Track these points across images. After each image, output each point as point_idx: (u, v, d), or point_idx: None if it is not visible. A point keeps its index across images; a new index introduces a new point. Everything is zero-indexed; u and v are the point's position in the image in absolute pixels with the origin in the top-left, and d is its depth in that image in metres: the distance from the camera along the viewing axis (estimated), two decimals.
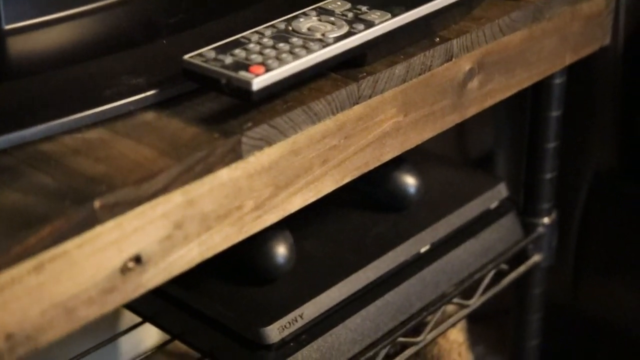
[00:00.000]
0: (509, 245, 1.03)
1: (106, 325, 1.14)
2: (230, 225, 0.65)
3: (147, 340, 1.59)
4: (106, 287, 0.58)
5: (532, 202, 1.06)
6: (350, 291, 0.88)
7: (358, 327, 0.88)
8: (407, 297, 0.92)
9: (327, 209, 0.98)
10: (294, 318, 0.83)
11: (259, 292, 0.86)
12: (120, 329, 1.44)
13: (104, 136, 0.64)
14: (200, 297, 0.87)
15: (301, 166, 0.68)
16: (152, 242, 0.60)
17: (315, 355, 0.84)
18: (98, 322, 0.95)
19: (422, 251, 0.95)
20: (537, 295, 1.10)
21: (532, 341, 1.13)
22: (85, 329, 0.93)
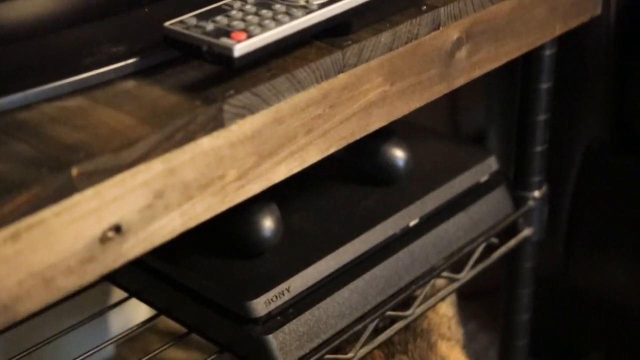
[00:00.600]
0: (499, 219, 1.02)
1: (94, 304, 1.12)
2: (212, 195, 0.64)
3: (136, 320, 1.58)
4: (85, 257, 0.57)
5: (523, 175, 1.05)
6: (338, 264, 0.87)
7: (346, 300, 0.87)
8: (395, 271, 0.91)
9: (315, 182, 0.97)
10: (281, 291, 0.82)
11: (246, 265, 0.85)
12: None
13: (83, 104, 0.63)
14: (186, 272, 0.86)
15: (285, 135, 0.67)
16: (132, 211, 0.59)
17: (303, 329, 0.83)
18: (86, 300, 0.95)
19: (411, 225, 0.94)
20: (527, 269, 1.09)
21: (523, 315, 1.12)
22: (74, 307, 0.94)
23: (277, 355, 0.80)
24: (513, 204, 1.04)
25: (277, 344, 0.81)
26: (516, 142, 1.04)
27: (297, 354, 0.82)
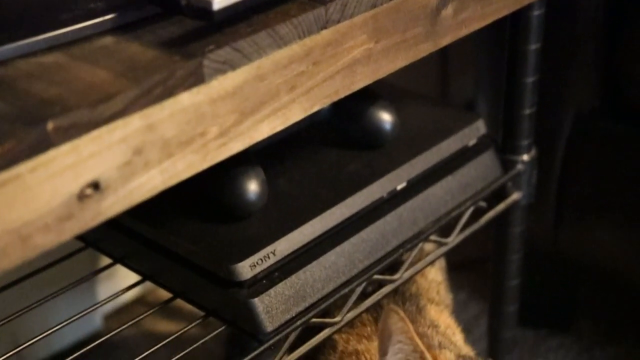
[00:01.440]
0: (487, 183, 1.01)
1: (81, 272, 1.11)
2: (193, 152, 0.63)
3: (125, 295, 1.57)
4: (63, 214, 0.56)
5: (511, 138, 1.04)
6: (324, 228, 0.86)
7: (332, 264, 0.86)
8: (383, 235, 0.91)
9: (301, 146, 0.96)
10: (266, 255, 0.82)
11: (231, 229, 0.84)
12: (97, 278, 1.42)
13: (60, 60, 0.61)
14: (171, 236, 0.85)
15: (267, 92, 0.66)
16: (110, 168, 0.58)
17: (289, 292, 0.82)
18: (72, 269, 0.94)
19: (398, 188, 0.93)
20: (517, 234, 1.08)
21: (512, 281, 1.11)
22: (60, 276, 0.93)
23: (262, 319, 0.80)
24: (502, 168, 1.03)
25: (262, 307, 0.80)
26: (504, 105, 1.03)
27: (283, 318, 0.81)
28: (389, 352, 0.70)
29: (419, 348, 0.69)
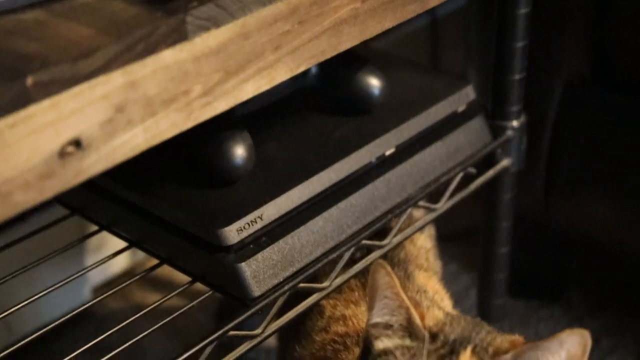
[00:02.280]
0: (476, 149, 1.00)
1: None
2: (177, 111, 0.62)
3: (114, 270, 1.57)
4: (44, 172, 0.55)
5: (501, 104, 1.03)
6: (312, 193, 0.86)
7: (320, 229, 0.85)
8: (371, 200, 0.90)
9: (288, 112, 0.95)
10: (253, 219, 0.81)
11: (217, 194, 0.84)
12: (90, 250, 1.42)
13: (40, 17, 0.60)
14: (157, 201, 0.84)
15: (252, 51, 0.65)
16: (92, 126, 0.57)
17: (276, 257, 0.81)
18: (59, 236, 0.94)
19: (386, 154, 0.93)
20: (506, 201, 1.08)
21: (502, 249, 1.11)
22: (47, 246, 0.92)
23: (249, 283, 0.79)
24: (491, 134, 1.03)
25: (250, 272, 0.79)
26: (494, 71, 1.02)
27: (271, 283, 0.81)
28: (375, 307, 0.69)
29: (404, 304, 0.68)
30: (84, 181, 0.58)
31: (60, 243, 0.92)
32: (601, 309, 1.44)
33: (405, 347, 0.67)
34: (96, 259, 1.43)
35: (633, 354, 1.38)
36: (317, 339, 0.87)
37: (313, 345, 0.87)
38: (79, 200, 0.92)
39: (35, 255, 0.89)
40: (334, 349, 0.83)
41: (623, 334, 1.42)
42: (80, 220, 1.00)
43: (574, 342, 0.66)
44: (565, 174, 1.28)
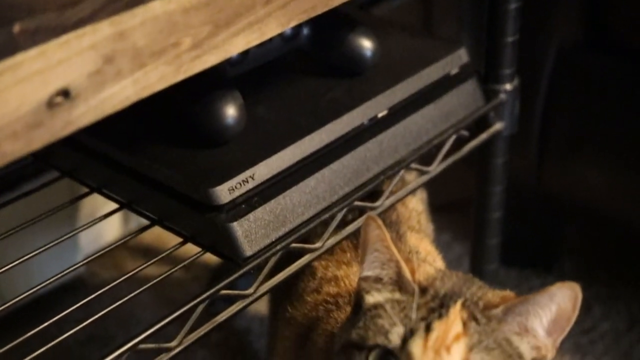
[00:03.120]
0: (469, 112, 1.00)
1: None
2: (166, 63, 0.61)
3: (106, 238, 1.56)
4: (32, 122, 0.55)
5: (494, 67, 1.03)
6: (304, 153, 0.85)
7: (312, 190, 0.85)
8: (363, 161, 0.90)
9: (280, 74, 0.95)
10: (245, 179, 0.80)
11: (209, 154, 0.83)
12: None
13: None
14: (148, 162, 0.84)
15: (242, 4, 0.65)
16: (80, 76, 0.56)
17: (268, 217, 0.81)
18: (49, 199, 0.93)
19: (379, 116, 0.92)
20: (499, 165, 1.07)
21: (494, 213, 1.11)
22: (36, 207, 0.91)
23: (241, 243, 0.79)
24: (484, 97, 1.02)
25: (241, 231, 0.79)
26: (487, 33, 1.01)
27: (263, 243, 0.80)
28: (366, 261, 0.69)
29: (394, 257, 0.68)
30: (73, 132, 0.58)
31: (51, 207, 0.91)
32: (593, 276, 1.44)
33: (395, 301, 0.67)
34: (88, 232, 1.43)
35: (625, 321, 1.39)
36: (309, 299, 0.87)
37: (305, 305, 0.87)
38: (69, 163, 0.92)
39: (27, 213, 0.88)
40: (326, 309, 0.83)
41: (615, 301, 1.43)
42: (71, 185, 0.99)
43: (564, 295, 0.66)
44: (558, 139, 1.27)
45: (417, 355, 0.63)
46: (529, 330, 0.67)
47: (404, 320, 0.65)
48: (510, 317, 0.66)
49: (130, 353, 0.72)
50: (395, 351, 0.64)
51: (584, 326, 1.39)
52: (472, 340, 0.64)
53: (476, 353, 0.63)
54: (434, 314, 0.65)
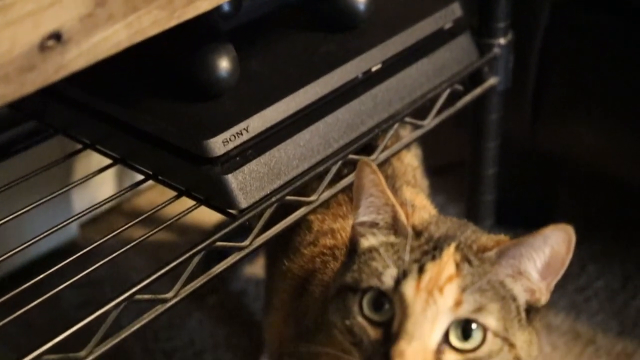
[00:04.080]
0: (463, 66, 1.00)
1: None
2: (159, 8, 0.61)
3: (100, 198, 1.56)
4: (24, 65, 0.54)
5: (488, 21, 1.02)
6: (298, 106, 0.85)
7: (307, 143, 0.85)
8: (358, 115, 0.89)
9: (273, 28, 0.94)
10: (239, 131, 0.80)
11: (203, 107, 0.83)
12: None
13: None
14: (142, 116, 0.83)
15: None
16: (72, 19, 0.56)
17: (263, 170, 0.81)
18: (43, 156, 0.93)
19: (373, 69, 0.92)
20: (493, 121, 1.07)
21: (489, 170, 1.11)
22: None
23: (236, 195, 0.79)
24: (478, 52, 1.02)
25: (236, 184, 0.79)
26: None
27: (258, 195, 0.80)
28: (361, 206, 0.69)
29: (390, 201, 0.68)
30: (66, 77, 0.58)
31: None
32: (587, 236, 1.44)
33: (390, 244, 0.67)
34: (82, 195, 1.43)
35: (619, 279, 1.40)
36: (306, 252, 0.87)
37: (302, 258, 0.87)
38: (63, 120, 0.91)
39: (21, 186, 0.87)
40: (323, 261, 0.83)
41: (609, 259, 1.43)
42: (64, 145, 0.99)
43: (557, 237, 0.66)
44: (552, 97, 1.27)
45: (410, 296, 0.63)
46: (522, 273, 0.67)
47: (397, 262, 0.65)
48: (504, 260, 0.66)
49: (126, 304, 0.71)
50: (388, 293, 0.65)
51: (579, 284, 1.39)
52: (465, 282, 0.64)
53: (469, 294, 0.63)
54: (427, 256, 0.65)
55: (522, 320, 0.66)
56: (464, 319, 0.64)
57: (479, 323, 0.64)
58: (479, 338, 0.64)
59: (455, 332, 0.64)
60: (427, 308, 0.63)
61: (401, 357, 0.62)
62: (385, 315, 0.65)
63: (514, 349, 0.65)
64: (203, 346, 1.30)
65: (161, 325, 1.34)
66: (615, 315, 1.34)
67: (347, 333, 0.66)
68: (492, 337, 0.64)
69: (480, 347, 0.64)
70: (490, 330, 0.64)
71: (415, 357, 0.62)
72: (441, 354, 0.63)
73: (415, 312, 0.63)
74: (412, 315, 0.63)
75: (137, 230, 1.55)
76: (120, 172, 1.48)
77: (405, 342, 0.62)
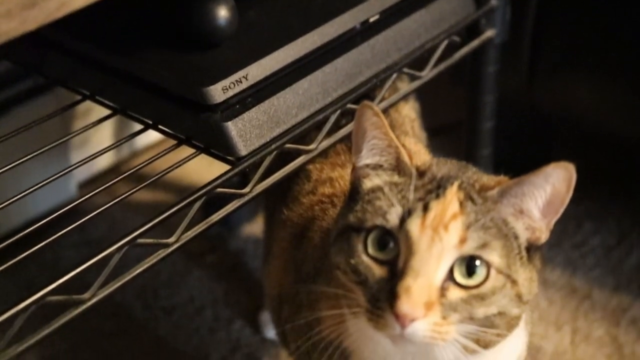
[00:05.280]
0: (461, 18, 1.00)
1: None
2: None
3: (99, 163, 1.56)
4: (26, 1, 0.54)
5: None
6: (297, 55, 0.85)
7: (306, 91, 0.85)
8: (356, 65, 0.90)
9: None
10: (238, 79, 0.80)
11: (202, 56, 0.83)
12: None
13: None
14: (142, 65, 0.83)
15: None
16: None
17: (262, 118, 0.81)
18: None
19: (371, 20, 0.92)
20: (490, 74, 1.07)
21: (486, 124, 1.11)
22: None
23: (236, 142, 0.79)
24: (475, 4, 1.02)
25: (236, 131, 0.79)
26: None
27: (258, 142, 0.81)
28: (364, 149, 0.69)
29: (393, 143, 0.68)
30: (67, 14, 0.58)
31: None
32: (584, 193, 1.44)
33: (394, 184, 0.68)
34: (81, 154, 1.43)
35: (615, 236, 1.41)
36: (305, 201, 0.87)
37: (300, 207, 0.87)
38: (62, 71, 0.92)
39: (20, 143, 0.87)
40: (322, 208, 0.84)
41: (605, 217, 1.44)
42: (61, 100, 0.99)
43: (558, 175, 0.67)
44: (549, 52, 1.27)
45: (415, 233, 0.64)
46: (524, 211, 0.67)
47: (401, 201, 0.66)
48: (506, 198, 0.67)
49: (129, 247, 0.72)
50: (393, 231, 0.65)
51: (575, 241, 1.40)
52: (469, 219, 0.64)
53: (473, 231, 0.64)
54: (431, 195, 0.66)
55: (524, 258, 0.67)
56: (468, 256, 0.64)
57: (483, 259, 0.64)
58: (483, 274, 0.64)
59: (459, 269, 0.64)
60: (433, 245, 0.64)
61: (407, 293, 0.62)
62: (390, 254, 0.66)
63: (516, 286, 0.66)
64: (202, 303, 1.31)
65: (161, 283, 1.35)
66: (611, 271, 1.35)
67: (352, 272, 0.67)
68: (495, 273, 0.65)
69: (483, 283, 0.64)
70: (494, 267, 0.65)
71: (421, 292, 0.63)
72: (446, 290, 0.64)
73: (421, 249, 0.64)
74: (418, 252, 0.64)
75: (137, 193, 1.56)
76: (119, 132, 1.49)
77: (411, 279, 0.63)
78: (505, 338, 0.69)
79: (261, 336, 1.26)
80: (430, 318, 0.63)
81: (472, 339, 0.66)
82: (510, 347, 0.74)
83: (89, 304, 0.70)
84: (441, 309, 0.64)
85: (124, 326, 1.29)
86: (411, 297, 0.62)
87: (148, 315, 1.30)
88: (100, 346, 1.26)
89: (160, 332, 1.27)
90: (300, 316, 0.78)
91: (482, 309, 0.65)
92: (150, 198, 1.47)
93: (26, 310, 0.65)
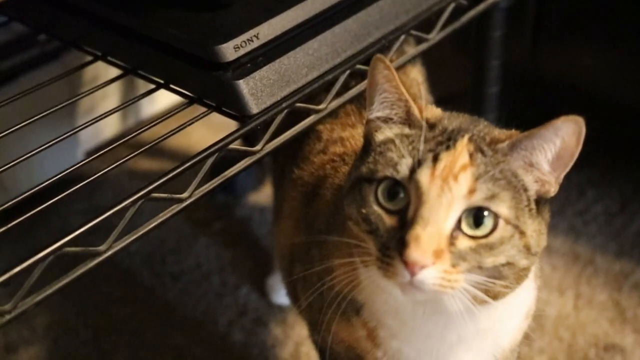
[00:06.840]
0: None
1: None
2: None
3: (105, 133, 1.57)
4: None
5: None
6: (307, 15, 0.86)
7: (316, 51, 0.86)
8: (365, 26, 0.90)
9: None
10: (249, 38, 0.81)
11: (213, 16, 0.84)
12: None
13: None
14: (154, 24, 0.84)
15: None
16: None
17: (273, 77, 0.82)
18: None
19: None
20: (496, 39, 1.08)
21: (491, 89, 1.12)
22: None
23: (248, 100, 0.80)
24: None
25: (247, 89, 0.80)
26: None
27: (269, 101, 0.82)
28: (375, 102, 0.70)
29: (403, 96, 0.69)
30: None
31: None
32: (587, 160, 1.45)
33: (405, 135, 0.69)
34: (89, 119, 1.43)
35: (617, 203, 1.42)
36: (316, 160, 0.88)
37: (311, 166, 0.88)
38: (73, 32, 0.92)
39: (29, 106, 0.87)
40: (333, 167, 0.85)
41: (608, 185, 1.45)
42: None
43: (568, 129, 0.68)
44: (553, 20, 1.28)
45: (425, 183, 0.65)
46: (533, 164, 0.68)
47: (412, 152, 0.67)
48: (516, 151, 0.68)
49: (143, 201, 0.73)
50: (403, 182, 0.66)
51: (578, 208, 1.42)
52: (478, 171, 0.65)
53: (482, 183, 0.65)
54: (442, 146, 0.67)
55: (533, 210, 0.68)
56: (477, 207, 0.65)
57: (491, 211, 0.65)
58: (490, 225, 0.65)
59: (467, 220, 0.65)
60: (442, 195, 0.64)
61: (416, 241, 0.63)
62: (400, 204, 0.67)
63: (524, 237, 0.67)
64: (209, 269, 1.33)
65: (168, 250, 1.36)
66: (614, 237, 1.36)
67: (363, 222, 0.68)
68: (503, 224, 0.66)
69: (492, 233, 0.65)
70: (502, 218, 0.65)
71: (430, 241, 0.64)
72: (455, 239, 0.65)
73: (431, 198, 0.65)
74: (427, 201, 0.65)
75: (142, 160, 1.56)
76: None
77: (421, 227, 0.64)
78: (514, 290, 0.70)
79: (268, 301, 1.27)
80: (439, 266, 0.64)
81: (481, 289, 0.67)
82: (520, 300, 0.76)
83: (105, 256, 0.71)
84: (450, 257, 0.65)
85: (133, 292, 1.30)
86: (420, 245, 0.63)
87: (156, 282, 1.31)
88: (109, 311, 1.27)
89: (168, 298, 1.29)
90: (312, 270, 0.79)
91: (490, 259, 0.66)
92: (158, 167, 1.48)
93: (44, 259, 0.66)
